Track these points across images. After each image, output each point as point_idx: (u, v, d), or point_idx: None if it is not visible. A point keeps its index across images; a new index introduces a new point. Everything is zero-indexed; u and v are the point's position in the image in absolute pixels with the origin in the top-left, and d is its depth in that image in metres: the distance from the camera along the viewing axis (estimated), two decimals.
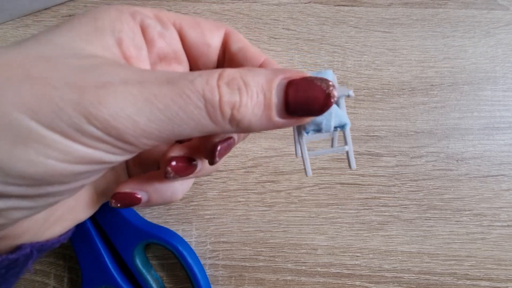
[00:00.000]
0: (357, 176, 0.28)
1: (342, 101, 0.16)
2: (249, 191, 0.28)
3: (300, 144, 0.17)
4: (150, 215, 0.28)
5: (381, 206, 0.28)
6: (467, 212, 0.28)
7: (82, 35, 0.14)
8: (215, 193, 0.28)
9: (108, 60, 0.14)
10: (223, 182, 0.28)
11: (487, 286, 0.27)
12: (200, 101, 0.13)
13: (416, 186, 0.28)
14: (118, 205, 0.17)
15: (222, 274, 0.27)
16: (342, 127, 0.17)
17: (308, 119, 0.15)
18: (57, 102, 0.11)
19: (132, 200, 0.17)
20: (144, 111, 0.12)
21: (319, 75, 0.15)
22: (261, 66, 0.18)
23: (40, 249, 0.17)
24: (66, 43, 0.13)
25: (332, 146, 0.19)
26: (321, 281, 0.27)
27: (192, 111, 0.13)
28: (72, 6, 0.29)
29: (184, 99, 0.12)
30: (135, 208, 0.19)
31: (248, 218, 0.28)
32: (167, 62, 0.18)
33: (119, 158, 0.13)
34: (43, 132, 0.11)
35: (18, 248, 0.16)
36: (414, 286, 0.27)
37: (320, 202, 0.28)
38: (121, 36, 0.15)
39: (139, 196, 0.17)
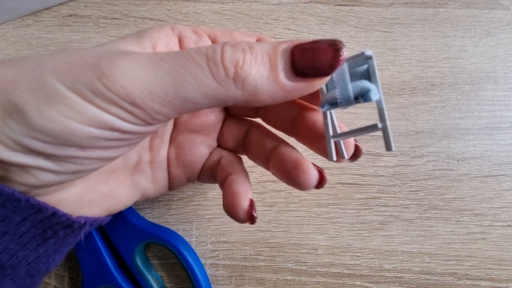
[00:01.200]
0: (358, 176, 0.28)
1: (370, 68, 0.14)
2: None
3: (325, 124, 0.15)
4: (150, 214, 0.28)
5: (381, 206, 0.28)
6: (467, 212, 0.28)
7: (124, 40, 0.16)
8: (216, 193, 0.28)
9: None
10: None
11: (488, 286, 0.27)
12: (202, 59, 0.13)
13: (417, 186, 0.28)
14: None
15: (222, 273, 0.27)
16: (365, 96, 0.14)
17: (320, 82, 0.14)
18: (79, 66, 0.13)
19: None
20: (150, 72, 0.13)
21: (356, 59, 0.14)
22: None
23: (92, 223, 0.18)
24: (108, 44, 0.15)
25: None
26: (321, 281, 0.27)
27: (194, 69, 0.13)
28: (72, 6, 0.29)
29: (187, 59, 0.13)
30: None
31: None
32: None
33: (132, 127, 0.14)
34: (65, 93, 0.13)
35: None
36: (414, 286, 0.27)
37: (321, 202, 0.28)
38: (156, 42, 0.16)
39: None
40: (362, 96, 0.14)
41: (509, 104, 0.28)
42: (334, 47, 0.13)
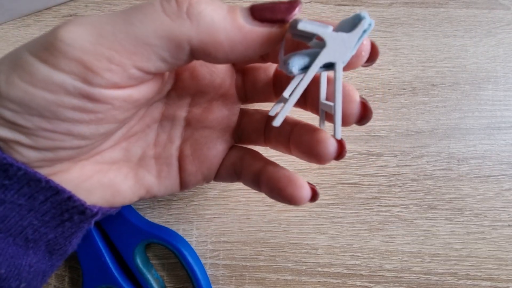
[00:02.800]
0: (358, 176, 0.28)
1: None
2: (249, 191, 0.28)
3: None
4: (150, 214, 0.28)
5: (381, 206, 0.28)
6: (468, 212, 0.28)
7: None
8: (216, 193, 0.28)
9: None
10: None
11: (488, 286, 0.27)
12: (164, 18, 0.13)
13: (417, 186, 0.28)
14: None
15: (222, 273, 0.28)
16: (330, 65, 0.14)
17: (279, 31, 0.14)
18: (45, 34, 0.14)
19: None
20: (103, 18, 0.13)
21: (352, 19, 0.13)
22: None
23: (104, 212, 0.18)
24: None
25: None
26: (321, 280, 0.27)
27: (146, 7, 0.13)
28: (73, 6, 0.29)
29: (142, 2, 0.13)
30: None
31: (249, 218, 0.28)
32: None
33: (90, 89, 0.14)
34: (27, 58, 0.14)
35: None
36: (414, 286, 0.27)
37: (321, 201, 0.28)
38: None
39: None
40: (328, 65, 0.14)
41: (510, 104, 0.28)
42: (293, 5, 0.14)
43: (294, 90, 0.15)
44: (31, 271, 0.17)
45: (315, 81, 0.16)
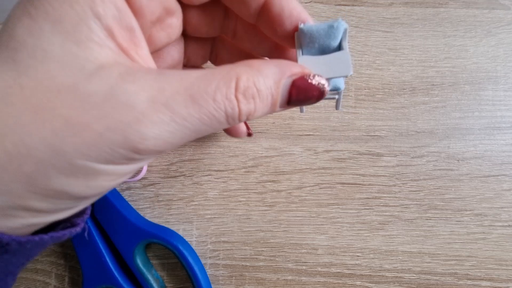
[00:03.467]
0: (358, 176, 0.28)
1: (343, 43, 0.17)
2: (249, 191, 0.28)
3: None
4: (150, 214, 0.28)
5: (381, 206, 0.28)
6: (468, 212, 0.28)
7: (70, 33, 0.13)
8: (216, 193, 0.28)
9: (117, 72, 0.13)
10: (223, 182, 0.28)
11: (488, 286, 0.27)
12: (223, 117, 0.14)
13: (417, 186, 0.28)
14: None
15: (222, 273, 0.27)
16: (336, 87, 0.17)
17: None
18: (109, 146, 0.12)
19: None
20: (176, 134, 0.13)
21: (329, 26, 0.16)
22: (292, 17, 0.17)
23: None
24: (62, 52, 0.13)
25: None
26: (321, 281, 0.27)
27: (216, 125, 0.14)
28: None
29: (210, 118, 0.14)
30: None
31: (249, 218, 0.28)
32: (160, 23, 0.17)
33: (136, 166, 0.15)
34: (100, 167, 0.13)
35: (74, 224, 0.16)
36: (414, 286, 0.27)
37: (321, 202, 0.28)
38: (107, 23, 0.13)
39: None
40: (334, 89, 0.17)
41: (510, 104, 0.28)
42: (321, 89, 0.15)
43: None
44: None
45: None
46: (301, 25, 0.16)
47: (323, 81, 0.15)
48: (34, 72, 0.12)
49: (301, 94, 0.15)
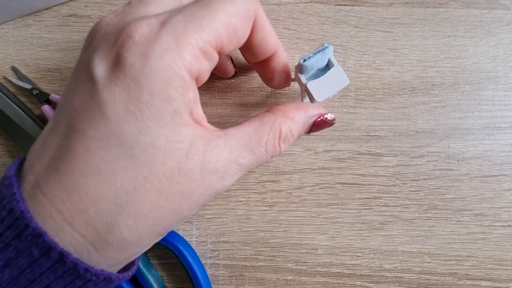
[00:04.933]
0: (358, 176, 0.28)
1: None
2: (249, 191, 0.28)
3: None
4: None
5: (381, 206, 0.28)
6: (468, 212, 0.28)
7: (168, 125, 0.16)
8: None
9: (201, 147, 0.17)
10: None
11: (488, 286, 0.27)
12: (269, 158, 0.20)
13: (417, 186, 0.28)
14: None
15: (222, 273, 0.28)
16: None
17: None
18: (206, 199, 0.18)
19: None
20: (239, 176, 0.19)
21: (321, 53, 0.21)
22: (273, 55, 0.22)
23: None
24: (165, 142, 0.16)
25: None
26: (321, 281, 0.27)
27: (263, 163, 0.22)
28: (73, 6, 0.29)
29: (260, 161, 0.19)
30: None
31: (249, 218, 0.28)
32: None
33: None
34: (195, 211, 0.20)
35: (134, 262, 0.20)
36: (414, 286, 0.27)
37: (321, 202, 0.28)
38: (190, 108, 0.17)
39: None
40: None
41: (510, 104, 0.28)
42: (332, 123, 0.22)
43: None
44: None
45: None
46: (302, 61, 0.21)
47: (333, 116, 0.22)
48: (150, 164, 0.16)
49: (318, 128, 0.21)
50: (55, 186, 0.15)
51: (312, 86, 0.21)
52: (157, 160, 0.16)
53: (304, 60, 0.21)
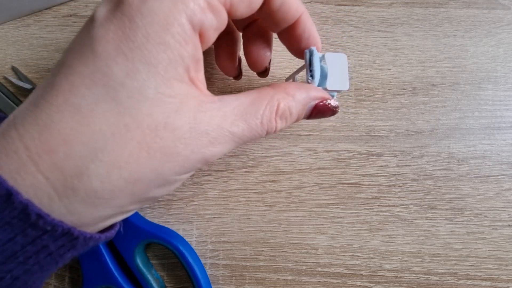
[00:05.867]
0: (358, 176, 0.28)
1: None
2: (249, 191, 0.28)
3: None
4: (150, 214, 0.28)
5: (381, 206, 0.28)
6: (468, 212, 0.28)
7: (161, 75, 0.15)
8: (216, 193, 0.28)
9: (193, 106, 0.16)
10: (223, 182, 0.28)
11: (488, 286, 0.27)
12: (264, 134, 0.18)
13: (417, 186, 0.28)
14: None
15: (222, 273, 0.28)
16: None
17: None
18: (193, 164, 0.16)
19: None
20: (231, 147, 0.17)
21: (334, 57, 0.20)
22: (297, 22, 0.20)
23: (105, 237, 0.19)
24: (154, 92, 0.15)
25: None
26: (321, 281, 0.27)
27: (257, 138, 0.19)
28: (73, 6, 0.29)
29: (256, 135, 0.18)
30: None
31: (249, 218, 0.28)
32: None
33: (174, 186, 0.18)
34: (182, 177, 0.17)
35: (112, 227, 0.18)
36: (414, 286, 0.27)
37: (321, 202, 0.28)
38: (187, 62, 0.15)
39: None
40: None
41: (510, 104, 0.28)
42: (335, 110, 0.20)
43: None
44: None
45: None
46: (310, 80, 0.20)
47: (336, 103, 0.20)
48: (135, 112, 0.14)
49: (319, 113, 0.20)
50: (29, 121, 0.14)
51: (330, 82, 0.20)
52: (143, 110, 0.14)
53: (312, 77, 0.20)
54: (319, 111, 0.20)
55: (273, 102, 0.18)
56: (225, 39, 0.23)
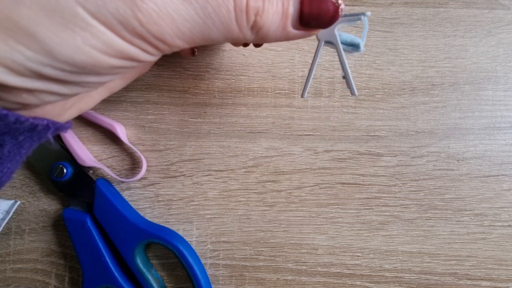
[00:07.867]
0: (358, 176, 0.28)
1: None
2: (249, 191, 0.28)
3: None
4: (150, 214, 0.28)
5: (381, 206, 0.28)
6: (468, 212, 0.28)
7: None
8: (216, 193, 0.28)
9: None
10: (223, 182, 0.28)
11: (488, 286, 0.27)
12: (230, 4, 0.14)
13: (417, 186, 0.28)
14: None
15: (222, 273, 0.28)
16: (356, 45, 0.18)
17: (317, 32, 0.17)
18: (113, 6, 0.12)
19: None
20: (182, 10, 0.13)
21: (354, 17, 0.17)
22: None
23: (55, 126, 0.16)
24: None
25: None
26: (321, 281, 0.27)
27: (223, 13, 0.14)
28: None
29: (217, 1, 0.14)
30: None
31: (249, 218, 0.28)
32: None
33: (151, 58, 0.15)
34: (89, 21, 0.12)
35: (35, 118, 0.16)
36: (414, 286, 0.27)
37: (321, 202, 0.28)
38: None
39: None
40: (352, 45, 0.18)
41: (510, 104, 0.28)
42: (336, 4, 0.15)
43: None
44: None
45: None
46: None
47: (341, 1, 0.15)
48: None
49: (314, 6, 0.15)
50: None
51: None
52: None
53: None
54: (313, 2, 0.15)
55: None
56: None
